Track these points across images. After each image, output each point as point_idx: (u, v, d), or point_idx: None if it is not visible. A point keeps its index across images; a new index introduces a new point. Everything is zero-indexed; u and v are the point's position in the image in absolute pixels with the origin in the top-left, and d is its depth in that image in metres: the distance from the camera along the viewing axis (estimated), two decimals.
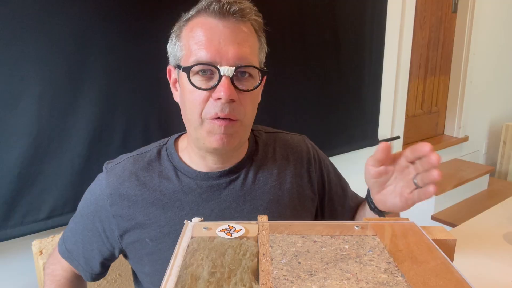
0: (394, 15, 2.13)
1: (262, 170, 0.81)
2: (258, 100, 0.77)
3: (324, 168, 0.89)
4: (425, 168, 0.60)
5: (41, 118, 1.09)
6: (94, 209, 0.79)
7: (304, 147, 0.88)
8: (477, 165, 2.84)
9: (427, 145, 0.59)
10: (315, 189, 0.87)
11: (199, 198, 0.76)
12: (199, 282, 0.40)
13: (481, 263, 1.03)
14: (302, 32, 1.67)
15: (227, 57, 0.67)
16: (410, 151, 0.62)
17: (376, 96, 2.10)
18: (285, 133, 0.90)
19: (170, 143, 0.82)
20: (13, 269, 1.16)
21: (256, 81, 0.71)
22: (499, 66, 3.16)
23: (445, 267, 0.42)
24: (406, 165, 0.64)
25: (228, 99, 0.66)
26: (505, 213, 1.35)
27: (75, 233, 0.83)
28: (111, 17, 1.17)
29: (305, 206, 0.84)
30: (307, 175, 0.86)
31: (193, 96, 0.69)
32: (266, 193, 0.79)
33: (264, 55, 0.76)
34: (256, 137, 0.85)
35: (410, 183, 0.64)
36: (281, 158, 0.84)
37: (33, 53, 1.06)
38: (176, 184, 0.77)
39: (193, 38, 0.68)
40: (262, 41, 0.74)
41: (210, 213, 0.76)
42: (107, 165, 0.81)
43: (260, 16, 0.73)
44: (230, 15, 0.68)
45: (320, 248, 0.47)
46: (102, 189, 0.78)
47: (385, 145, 0.64)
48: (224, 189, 0.77)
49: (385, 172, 0.67)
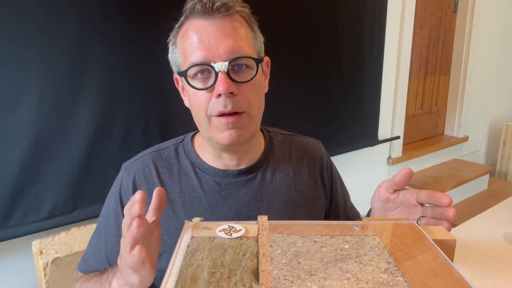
0: (394, 15, 2.13)
1: (279, 171, 0.82)
2: (262, 89, 0.76)
3: (334, 175, 0.91)
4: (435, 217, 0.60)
5: (41, 118, 1.09)
6: (116, 201, 0.79)
7: (318, 152, 0.90)
8: (477, 165, 2.84)
9: (447, 198, 0.58)
10: (327, 194, 0.89)
11: (218, 196, 0.77)
12: (199, 282, 0.40)
13: (481, 263, 1.03)
14: (302, 32, 1.67)
15: (219, 53, 0.67)
16: (426, 196, 0.61)
17: (376, 96, 2.10)
18: (301, 136, 0.91)
19: (187, 140, 0.83)
20: (13, 269, 1.16)
21: (254, 71, 0.71)
22: (499, 66, 3.16)
23: (445, 267, 0.42)
24: (414, 204, 0.63)
25: (227, 92, 0.67)
26: (505, 213, 1.35)
27: (97, 243, 0.81)
28: (111, 17, 1.16)
29: (317, 208, 0.86)
30: (320, 179, 0.88)
31: (196, 97, 0.70)
32: (283, 193, 0.81)
33: (262, 43, 0.76)
34: (272, 138, 0.86)
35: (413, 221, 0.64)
36: (297, 160, 0.85)
37: (33, 53, 1.06)
38: (195, 181, 0.78)
39: (186, 42, 0.70)
40: (255, 30, 0.74)
41: (229, 211, 0.77)
42: (125, 164, 0.82)
43: (246, 6, 0.74)
44: (215, 12, 0.68)
45: (320, 248, 0.47)
46: (123, 185, 0.79)
47: (408, 171, 0.63)
48: (242, 187, 0.79)
49: (394, 200, 0.66)
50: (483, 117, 3.18)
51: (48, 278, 1.07)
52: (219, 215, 0.76)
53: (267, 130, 0.88)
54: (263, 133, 0.86)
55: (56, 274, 1.08)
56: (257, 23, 0.75)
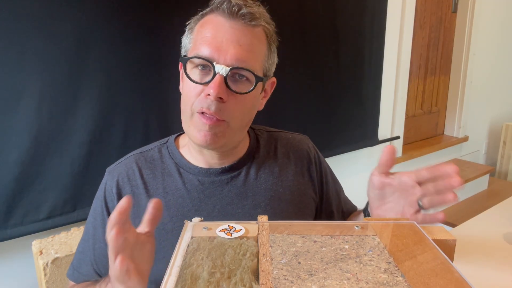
0: (394, 15, 2.13)
1: (264, 168, 0.82)
2: (254, 106, 0.76)
3: (323, 169, 0.90)
4: (440, 189, 0.58)
5: (41, 118, 1.09)
6: (101, 205, 0.78)
7: (305, 147, 0.89)
8: (477, 165, 2.84)
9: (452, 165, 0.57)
10: (316, 189, 0.88)
11: (202, 194, 0.77)
12: (199, 282, 0.40)
13: (481, 263, 1.03)
14: (302, 32, 1.67)
15: (225, 57, 0.67)
16: (428, 171, 0.60)
17: (376, 96, 2.10)
18: (287, 132, 0.91)
19: (170, 141, 0.83)
20: (13, 269, 1.16)
21: (252, 86, 0.71)
22: (499, 66, 3.16)
23: (445, 267, 0.42)
24: (412, 184, 0.62)
25: (217, 97, 0.66)
26: (505, 213, 1.35)
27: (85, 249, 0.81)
28: (112, 17, 1.16)
29: (306, 204, 0.85)
30: (308, 174, 0.87)
31: (189, 87, 0.70)
32: (267, 190, 0.80)
33: (273, 64, 0.77)
34: (258, 135, 0.86)
35: (413, 204, 0.62)
36: (283, 156, 0.85)
37: (33, 53, 1.06)
38: (179, 181, 0.77)
39: (201, 33, 0.70)
40: (272, 50, 0.75)
41: (213, 209, 0.76)
42: (108, 168, 0.82)
43: (272, 24, 0.74)
44: (238, 17, 0.68)
45: (320, 248, 0.47)
46: (107, 188, 0.78)
47: (389, 147, 0.63)
48: (226, 185, 0.78)
49: (389, 183, 0.65)
50: (483, 117, 3.18)
51: (48, 278, 1.07)
52: (203, 214, 0.76)
53: (252, 128, 0.87)
54: (248, 131, 0.86)
55: (56, 274, 1.08)
56: (277, 44, 0.76)
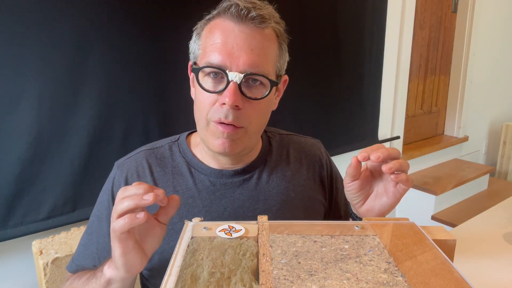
0: (394, 15, 2.13)
1: (276, 171, 0.81)
2: (270, 107, 0.76)
3: (334, 175, 0.90)
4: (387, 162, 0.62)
5: (41, 118, 1.09)
6: (108, 199, 0.77)
7: (317, 152, 0.88)
8: (477, 165, 2.84)
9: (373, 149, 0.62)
10: (326, 195, 0.87)
11: (213, 196, 0.76)
12: (199, 282, 0.40)
13: (481, 263, 1.03)
14: (302, 32, 1.67)
15: (238, 63, 0.66)
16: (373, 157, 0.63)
17: (376, 96, 2.10)
18: (300, 136, 0.90)
19: (182, 139, 0.82)
20: (13, 269, 1.16)
21: (267, 90, 0.70)
22: (499, 66, 3.16)
23: (445, 267, 0.42)
24: (379, 164, 0.65)
25: (233, 105, 0.66)
26: (505, 213, 1.35)
27: (88, 242, 0.80)
28: (112, 17, 1.16)
29: (316, 209, 0.85)
30: (319, 180, 0.86)
31: (202, 97, 0.69)
32: (279, 194, 0.79)
33: (285, 63, 0.75)
34: (270, 138, 0.86)
35: (388, 179, 0.66)
36: (295, 160, 0.84)
37: (33, 53, 1.06)
38: (190, 181, 0.77)
39: (210, 39, 0.69)
40: (283, 48, 0.74)
41: (223, 211, 0.76)
42: (117, 162, 0.80)
43: (282, 23, 0.73)
44: (248, 20, 0.67)
45: (320, 248, 0.47)
46: (115, 182, 0.77)
47: (355, 161, 0.66)
48: (238, 187, 0.77)
49: (366, 181, 0.68)
50: (483, 117, 3.18)
51: (48, 278, 1.07)
52: (214, 215, 0.75)
53: (265, 130, 0.87)
54: None
55: (56, 274, 1.08)
56: (288, 42, 0.75)
